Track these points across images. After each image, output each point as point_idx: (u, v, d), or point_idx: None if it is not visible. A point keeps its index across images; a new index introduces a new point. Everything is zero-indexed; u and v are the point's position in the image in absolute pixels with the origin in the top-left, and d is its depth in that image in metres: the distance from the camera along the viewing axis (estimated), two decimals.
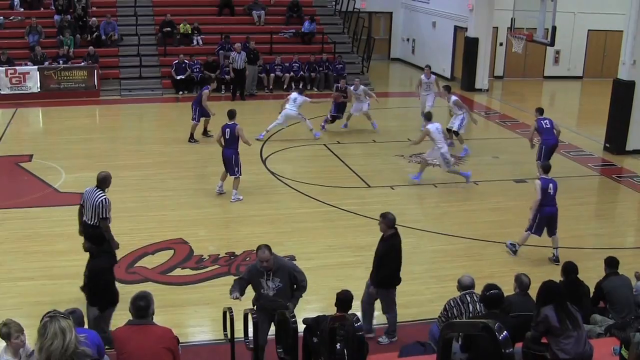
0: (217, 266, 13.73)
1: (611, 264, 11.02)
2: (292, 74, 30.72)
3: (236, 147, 17.17)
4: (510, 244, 14.73)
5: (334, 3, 35.96)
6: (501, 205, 17.95)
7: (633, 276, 11.31)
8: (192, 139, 22.35)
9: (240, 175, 17.34)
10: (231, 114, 17.62)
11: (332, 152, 21.75)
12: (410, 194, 18.56)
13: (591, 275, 11.78)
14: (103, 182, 12.18)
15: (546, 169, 14.66)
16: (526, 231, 14.45)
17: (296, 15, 33.52)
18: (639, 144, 22.80)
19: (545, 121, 19.15)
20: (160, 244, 14.45)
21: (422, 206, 17.96)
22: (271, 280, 9.89)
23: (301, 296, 10.19)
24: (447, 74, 35.13)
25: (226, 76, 29.31)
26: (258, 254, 9.84)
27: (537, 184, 14.31)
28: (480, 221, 16.74)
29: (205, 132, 22.78)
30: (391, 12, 40.22)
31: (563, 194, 15.97)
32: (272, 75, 30.45)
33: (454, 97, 21.77)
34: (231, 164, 17.18)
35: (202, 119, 22.48)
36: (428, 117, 19.31)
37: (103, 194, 11.98)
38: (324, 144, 22.32)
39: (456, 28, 34.65)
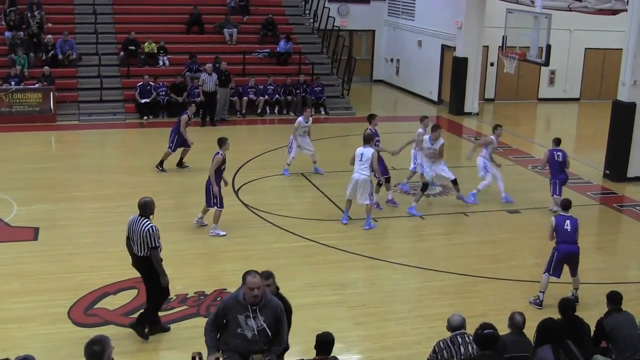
0: (185, 307, 13.61)
1: (614, 299, 11.00)
2: (266, 97, 30.75)
3: (219, 177, 17.20)
4: (533, 300, 14.39)
5: (311, 21, 36.13)
6: (493, 238, 17.96)
7: (638, 313, 11.30)
8: (160, 166, 22.26)
9: (220, 207, 17.28)
10: (218, 142, 17.56)
11: (310, 182, 21.72)
12: (394, 227, 18.53)
13: (592, 312, 11.76)
14: (144, 208, 12.21)
15: (565, 206, 14.55)
16: (544, 273, 14.31)
17: (271, 34, 33.63)
18: None
19: (558, 153, 19.30)
20: (123, 283, 14.31)
21: (407, 239, 17.92)
22: (254, 318, 9.10)
23: (280, 351, 9.46)
24: (434, 97, 35.29)
25: (195, 99, 29.29)
26: (247, 281, 8.98)
27: (551, 222, 14.24)
28: (471, 255, 16.71)
29: (181, 163, 22.65)
30: (374, 31, 40.45)
31: None
32: (245, 98, 30.45)
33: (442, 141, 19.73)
34: (208, 194, 17.20)
35: (180, 149, 22.42)
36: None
37: (149, 222, 12.03)
38: (302, 173, 22.28)
39: (444, 47, 34.84)
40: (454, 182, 19.62)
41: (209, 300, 13.72)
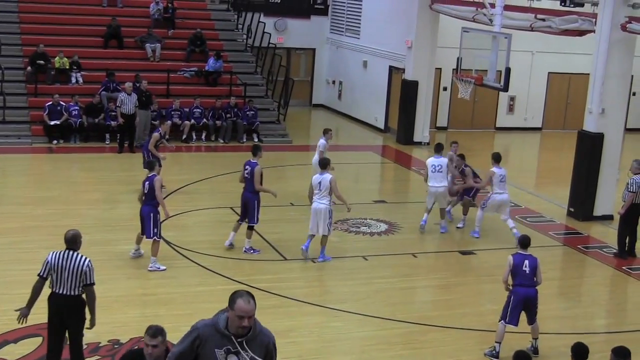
0: (97, 357, 13.47)
1: (579, 352, 11.09)
2: (192, 121, 30.70)
3: (156, 204, 17.41)
4: (488, 352, 14.45)
5: (245, 37, 36.22)
6: (445, 282, 18.05)
7: None
8: None
9: (160, 238, 17.56)
10: (149, 166, 17.91)
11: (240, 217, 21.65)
12: (335, 268, 18.51)
13: None
14: (74, 241, 12.15)
15: (524, 244, 14.61)
16: (499, 321, 14.35)
17: (199, 51, 33.64)
18: (608, 208, 23.26)
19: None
20: (25, 330, 14.09)
21: (349, 283, 17.88)
22: (237, 354, 7.65)
23: None
24: (380, 124, 35.48)
25: (112, 122, 29.13)
26: (236, 306, 7.66)
27: (509, 261, 14.31)
28: (420, 301, 16.80)
29: None
30: (314, 49, 40.69)
31: None
32: (169, 122, 30.13)
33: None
34: (148, 223, 17.39)
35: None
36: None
37: (85, 256, 11.99)
38: (231, 207, 22.22)
39: (392, 69, 35.13)
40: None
41: (124, 350, 13.59)
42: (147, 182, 17.39)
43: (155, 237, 17.41)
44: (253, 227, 18.94)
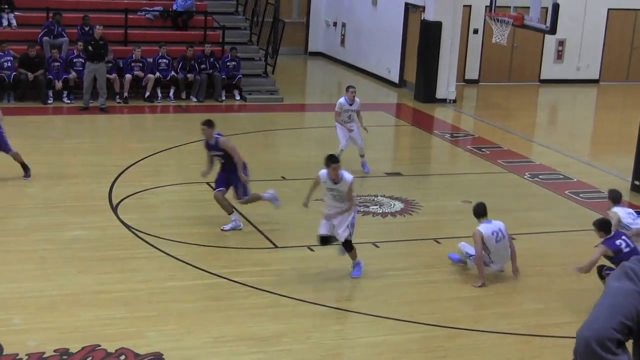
0: None
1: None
2: (157, 74, 30.69)
3: None
4: None
5: None
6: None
7: None
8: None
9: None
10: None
11: None
12: (337, 258, 18.25)
13: None
14: None
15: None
16: None
17: None
18: None
19: None
20: None
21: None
22: None
23: None
24: (395, 77, 35.44)
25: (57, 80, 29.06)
26: None
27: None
28: (445, 298, 16.79)
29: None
30: None
31: (570, 258, 16.25)
32: (128, 76, 30.23)
33: None
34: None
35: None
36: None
37: None
38: (207, 183, 22.26)
39: (408, 7, 35.11)
40: None
41: None
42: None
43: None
44: None
